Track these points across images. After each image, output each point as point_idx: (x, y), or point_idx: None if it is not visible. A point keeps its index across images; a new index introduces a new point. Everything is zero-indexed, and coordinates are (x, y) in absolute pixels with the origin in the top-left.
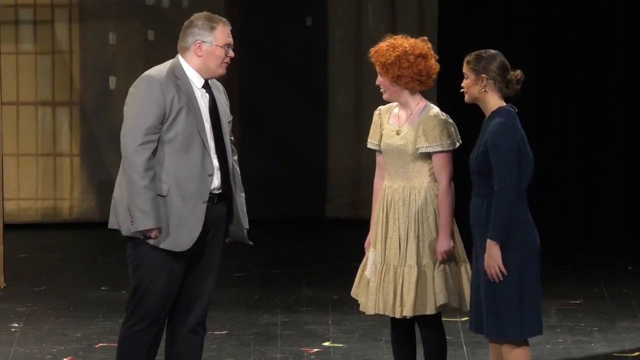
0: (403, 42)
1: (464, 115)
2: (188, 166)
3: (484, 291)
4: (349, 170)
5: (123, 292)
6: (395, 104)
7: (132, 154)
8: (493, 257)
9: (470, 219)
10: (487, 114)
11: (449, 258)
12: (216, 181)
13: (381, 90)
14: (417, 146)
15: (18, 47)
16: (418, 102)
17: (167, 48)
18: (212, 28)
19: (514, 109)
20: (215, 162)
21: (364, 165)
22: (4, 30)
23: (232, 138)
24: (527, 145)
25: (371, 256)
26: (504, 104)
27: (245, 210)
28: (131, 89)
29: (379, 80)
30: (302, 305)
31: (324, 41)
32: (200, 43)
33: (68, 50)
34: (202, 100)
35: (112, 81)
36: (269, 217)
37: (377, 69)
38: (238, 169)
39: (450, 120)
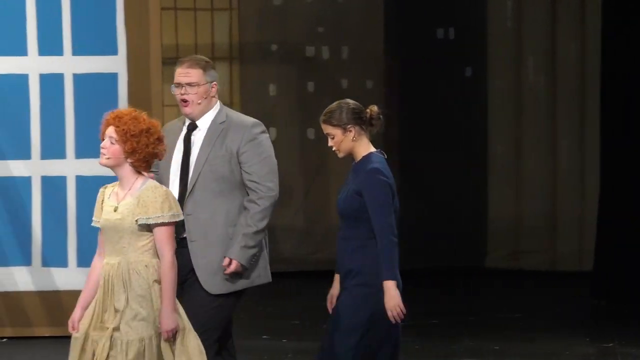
0: (145, 118)
1: None
2: None
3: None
4: (509, 220)
5: (284, 340)
6: (117, 182)
7: None
8: (394, 297)
9: (337, 259)
10: (357, 159)
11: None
12: None
13: None
14: (136, 218)
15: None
16: (137, 178)
17: (327, 99)
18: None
19: (383, 155)
20: None
21: (525, 215)
22: (167, 83)
23: (251, 178)
24: (395, 188)
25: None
26: (373, 148)
27: (237, 238)
28: None
29: None
30: (462, 355)
31: (483, 92)
32: None
33: (229, 102)
34: (181, 142)
35: (272, 132)
36: (428, 267)
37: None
38: (249, 207)
39: (171, 192)
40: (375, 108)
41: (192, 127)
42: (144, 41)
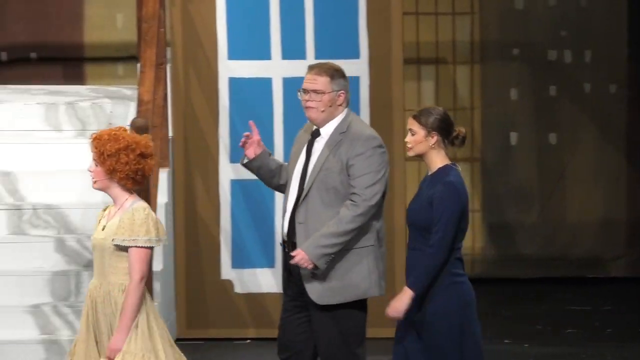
0: (126, 136)
1: None
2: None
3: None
4: None
5: (526, 345)
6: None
7: None
8: (404, 303)
9: (406, 272)
10: (432, 169)
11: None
12: (285, 225)
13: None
14: (113, 238)
15: (420, 105)
16: (127, 198)
17: (569, 104)
18: None
19: (457, 166)
20: (287, 206)
21: None
22: (408, 88)
23: (352, 190)
24: (468, 205)
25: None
26: (449, 161)
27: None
28: None
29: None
30: None
31: None
32: None
33: (469, 106)
34: (304, 149)
35: (513, 137)
36: None
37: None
38: (341, 210)
39: (154, 216)
40: (463, 131)
41: (316, 134)
42: (385, 46)
